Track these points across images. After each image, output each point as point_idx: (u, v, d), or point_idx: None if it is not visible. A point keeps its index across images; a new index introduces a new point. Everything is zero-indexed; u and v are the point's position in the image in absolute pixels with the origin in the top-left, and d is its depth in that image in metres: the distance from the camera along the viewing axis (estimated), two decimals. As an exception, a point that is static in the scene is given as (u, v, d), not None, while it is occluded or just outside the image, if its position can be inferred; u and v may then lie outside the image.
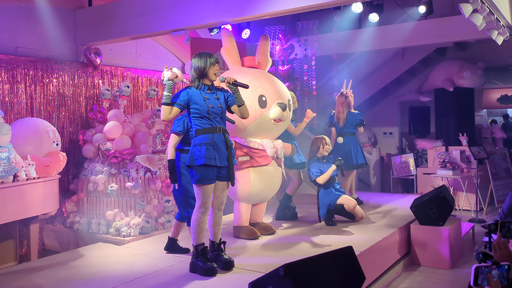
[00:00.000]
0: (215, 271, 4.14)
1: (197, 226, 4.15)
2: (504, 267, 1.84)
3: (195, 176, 4.05)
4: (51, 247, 6.32)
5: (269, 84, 5.24)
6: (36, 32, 6.42)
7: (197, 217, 4.13)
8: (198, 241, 4.19)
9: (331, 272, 3.02)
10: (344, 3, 6.63)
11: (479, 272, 1.81)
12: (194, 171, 4.05)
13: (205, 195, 4.09)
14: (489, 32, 6.15)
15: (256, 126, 5.13)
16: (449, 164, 8.34)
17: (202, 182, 4.05)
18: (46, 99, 6.46)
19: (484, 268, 1.81)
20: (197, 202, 4.12)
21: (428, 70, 11.04)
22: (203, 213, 4.14)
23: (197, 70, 4.11)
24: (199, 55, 4.16)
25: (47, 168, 5.49)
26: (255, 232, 5.35)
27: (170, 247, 4.94)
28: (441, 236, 5.71)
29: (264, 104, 5.10)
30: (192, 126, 4.13)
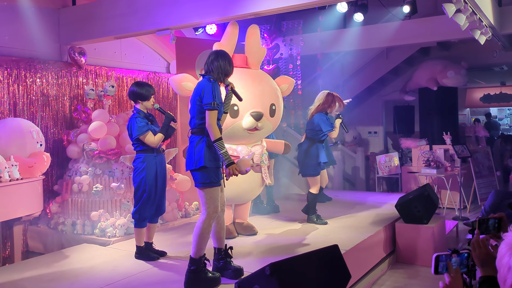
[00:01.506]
0: (220, 280, 3.93)
1: (206, 235, 3.84)
2: (464, 254, 1.89)
3: (207, 179, 3.78)
4: (35, 248, 6.25)
5: (246, 91, 4.89)
6: (19, 31, 6.35)
7: (207, 225, 3.82)
8: (202, 252, 3.89)
9: (317, 270, 3.04)
10: (328, 3, 6.65)
11: (439, 260, 1.85)
12: (206, 174, 3.78)
13: (217, 198, 3.86)
14: (472, 32, 6.23)
15: (228, 135, 4.94)
16: (433, 162, 8.42)
17: (216, 184, 3.84)
18: (30, 99, 6.39)
19: (444, 256, 1.85)
20: (208, 208, 3.82)
21: (412, 70, 11.14)
22: (214, 219, 3.89)
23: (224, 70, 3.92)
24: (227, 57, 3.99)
25: (30, 169, 5.43)
26: (232, 231, 5.35)
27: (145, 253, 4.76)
28: (426, 234, 5.78)
29: (235, 114, 4.94)
30: (202, 124, 3.82)
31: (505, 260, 1.52)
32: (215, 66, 3.91)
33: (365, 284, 5.06)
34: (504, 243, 1.55)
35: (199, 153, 3.78)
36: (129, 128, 4.62)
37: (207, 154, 3.78)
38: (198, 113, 3.83)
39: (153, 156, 4.65)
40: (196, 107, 3.83)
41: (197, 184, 3.85)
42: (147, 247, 4.80)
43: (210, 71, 3.92)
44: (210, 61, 3.95)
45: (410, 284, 5.23)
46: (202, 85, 3.84)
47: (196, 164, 3.77)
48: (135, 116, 4.58)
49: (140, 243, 4.76)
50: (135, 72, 7.84)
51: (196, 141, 3.84)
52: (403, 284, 5.23)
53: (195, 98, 3.86)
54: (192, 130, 3.91)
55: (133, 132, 4.54)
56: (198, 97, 3.81)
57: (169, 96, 8.32)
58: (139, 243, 4.76)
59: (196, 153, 3.79)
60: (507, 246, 1.54)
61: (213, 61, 3.93)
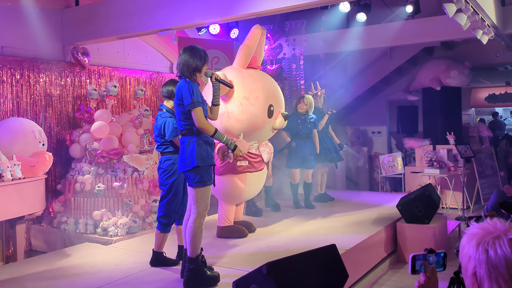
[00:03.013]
0: (219, 278, 3.94)
1: (199, 233, 3.86)
2: (440, 254, 1.91)
3: (200, 178, 3.78)
4: (38, 247, 6.29)
5: (276, 91, 5.30)
6: (23, 32, 6.39)
7: (199, 223, 3.84)
8: (198, 251, 3.90)
9: (314, 270, 3.05)
10: (331, 3, 6.66)
11: (416, 259, 1.87)
12: (199, 173, 3.77)
13: (208, 196, 3.88)
14: (474, 31, 6.21)
15: (259, 134, 5.18)
16: (436, 162, 8.41)
17: (208, 183, 3.85)
18: (33, 99, 6.43)
19: (421, 255, 1.87)
20: (199, 207, 3.83)
21: (415, 70, 11.10)
22: (205, 217, 3.91)
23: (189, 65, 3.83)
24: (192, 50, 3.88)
25: (33, 168, 5.46)
26: (243, 230, 5.38)
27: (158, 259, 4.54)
28: (427, 234, 5.77)
29: (272, 114, 5.16)
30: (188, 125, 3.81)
31: (465, 251, 1.61)
32: (181, 64, 3.83)
33: (365, 283, 5.06)
34: (465, 236, 1.63)
35: (191, 154, 3.77)
36: (161, 128, 4.35)
37: (199, 153, 3.77)
38: (182, 115, 3.81)
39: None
40: (179, 109, 3.82)
41: (190, 184, 3.85)
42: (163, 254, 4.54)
43: (181, 71, 3.85)
44: (178, 62, 3.88)
45: (410, 284, 5.22)
46: (179, 87, 3.82)
47: (189, 165, 3.77)
48: (169, 116, 4.36)
49: (160, 249, 4.48)
50: (138, 72, 7.87)
51: (187, 142, 3.83)
52: (403, 284, 5.23)
53: (176, 101, 3.84)
54: (181, 132, 3.90)
55: (168, 132, 4.30)
56: (178, 100, 3.79)
57: (172, 96, 8.34)
58: (159, 248, 4.48)
59: (188, 154, 3.79)
60: (467, 238, 1.62)
61: (180, 60, 3.86)
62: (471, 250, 1.58)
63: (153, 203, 6.28)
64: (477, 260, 1.56)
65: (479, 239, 1.57)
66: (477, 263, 1.56)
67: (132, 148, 6.41)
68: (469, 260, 1.59)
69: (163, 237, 4.46)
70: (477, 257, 1.56)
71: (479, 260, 1.56)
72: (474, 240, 1.58)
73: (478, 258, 1.56)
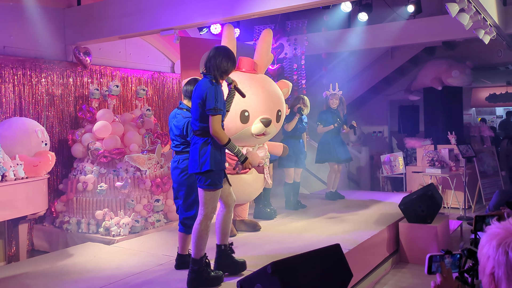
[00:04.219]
0: (223, 279, 3.93)
1: (205, 235, 3.85)
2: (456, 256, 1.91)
3: (212, 181, 3.74)
4: (40, 247, 6.29)
5: (256, 97, 5.06)
6: (25, 32, 6.39)
7: (205, 225, 3.82)
8: (203, 252, 3.89)
9: (319, 269, 3.05)
10: (333, 3, 6.66)
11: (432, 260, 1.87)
12: (211, 177, 3.73)
13: (217, 199, 3.85)
14: (476, 31, 6.21)
15: (236, 138, 5.00)
16: (437, 162, 8.41)
17: (219, 186, 3.82)
18: (35, 98, 6.43)
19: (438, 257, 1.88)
20: (207, 209, 3.80)
21: (417, 69, 11.11)
22: (211, 220, 3.88)
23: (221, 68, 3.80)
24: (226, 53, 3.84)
25: (35, 168, 5.47)
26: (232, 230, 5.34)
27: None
28: (429, 234, 5.77)
29: (246, 120, 5.03)
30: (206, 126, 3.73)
31: (485, 250, 1.59)
32: (212, 64, 3.79)
33: (368, 283, 5.06)
34: (485, 235, 1.62)
35: (204, 156, 3.71)
36: (183, 128, 4.24)
37: (213, 157, 3.72)
38: (200, 115, 3.74)
39: None
40: (199, 110, 3.74)
41: (200, 185, 3.80)
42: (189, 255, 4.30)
43: (208, 69, 3.81)
44: (208, 59, 3.83)
45: (413, 284, 5.23)
46: (204, 87, 3.73)
47: (202, 167, 3.71)
48: (189, 116, 4.16)
49: (185, 251, 4.37)
50: (140, 72, 7.87)
51: (201, 143, 3.76)
52: (406, 284, 5.23)
53: (196, 100, 3.76)
54: (196, 131, 3.82)
55: (189, 133, 4.15)
56: (200, 100, 3.71)
57: (174, 96, 8.35)
58: (184, 251, 4.37)
59: (201, 156, 3.72)
60: (487, 237, 1.60)
61: (210, 58, 3.81)
62: (491, 251, 1.56)
63: (155, 202, 6.28)
64: (496, 260, 1.54)
65: (500, 240, 1.55)
66: (496, 264, 1.54)
67: (134, 147, 6.41)
68: (488, 259, 1.57)
69: (188, 239, 4.28)
70: (496, 258, 1.54)
71: (498, 261, 1.54)
72: (494, 240, 1.56)
73: (497, 259, 1.54)
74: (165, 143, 6.83)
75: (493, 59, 10.32)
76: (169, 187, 6.50)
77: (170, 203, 6.50)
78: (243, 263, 4.14)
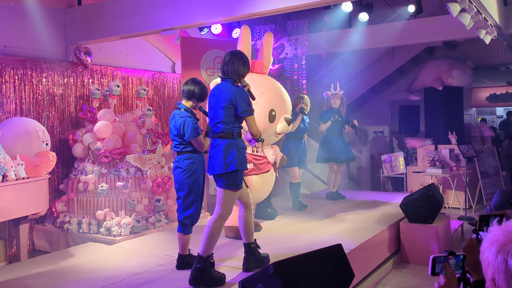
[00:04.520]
0: (224, 281, 3.97)
1: (217, 235, 3.94)
2: (460, 257, 1.91)
3: (234, 181, 3.88)
4: (41, 247, 6.29)
5: (279, 97, 5.34)
6: (25, 31, 6.39)
7: (219, 224, 3.93)
8: (211, 251, 3.95)
9: (321, 269, 3.05)
10: (333, 3, 6.65)
11: (436, 261, 1.87)
12: (234, 177, 3.86)
13: (234, 200, 3.99)
14: (477, 31, 6.21)
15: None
16: (438, 162, 8.40)
17: (240, 186, 3.97)
18: (36, 98, 6.42)
19: (441, 258, 1.87)
20: (224, 209, 3.93)
21: (417, 69, 11.10)
22: (226, 220, 3.99)
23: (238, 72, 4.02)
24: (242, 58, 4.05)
25: (36, 168, 5.46)
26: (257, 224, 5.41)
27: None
28: (430, 234, 5.77)
29: (273, 119, 5.23)
30: (230, 128, 3.91)
31: (485, 255, 1.58)
32: (230, 68, 3.98)
33: (369, 283, 5.06)
34: (486, 238, 1.60)
35: (230, 157, 3.84)
36: (180, 128, 4.24)
37: (238, 158, 3.87)
38: (228, 118, 3.88)
39: (201, 156, 4.38)
40: (224, 112, 3.87)
41: (223, 185, 3.92)
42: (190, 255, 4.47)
43: (226, 73, 3.99)
44: (225, 63, 4.01)
45: (414, 284, 5.23)
46: (229, 90, 3.89)
47: (227, 168, 3.83)
48: (188, 116, 4.25)
49: (185, 251, 4.41)
50: (141, 72, 7.87)
51: (225, 144, 3.87)
52: (407, 284, 5.23)
53: (221, 103, 3.89)
54: (218, 133, 3.93)
55: (188, 132, 4.19)
56: (226, 103, 3.86)
57: (175, 96, 8.35)
58: (184, 251, 4.40)
59: (226, 157, 3.84)
60: (488, 242, 1.58)
61: (227, 63, 4.00)
62: (491, 257, 1.54)
63: (156, 202, 6.28)
64: (495, 268, 1.53)
65: (499, 246, 1.53)
66: (495, 271, 1.53)
67: (135, 147, 6.41)
68: (488, 266, 1.56)
69: (187, 239, 4.37)
70: (496, 265, 1.53)
71: (498, 269, 1.52)
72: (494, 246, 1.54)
73: (496, 266, 1.52)
74: (166, 143, 6.82)
75: (494, 59, 10.32)
76: (169, 187, 6.50)
77: (171, 203, 6.50)
78: (267, 257, 4.32)
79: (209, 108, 4.11)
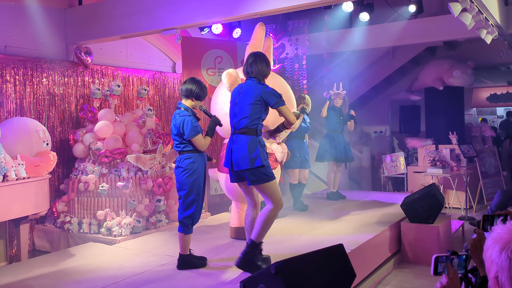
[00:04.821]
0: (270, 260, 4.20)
1: (271, 223, 4.15)
2: (462, 256, 1.90)
3: (265, 174, 4.03)
4: (42, 247, 6.28)
5: (286, 93, 5.32)
6: (26, 31, 6.38)
7: (274, 214, 4.11)
8: (263, 238, 4.20)
9: (322, 270, 3.04)
10: (334, 2, 6.64)
11: (438, 261, 1.87)
12: (263, 170, 4.02)
13: (279, 189, 4.18)
14: (478, 31, 6.20)
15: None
16: (439, 162, 8.40)
17: (274, 177, 4.14)
18: (36, 98, 6.42)
19: (444, 257, 1.87)
20: (276, 199, 4.10)
21: (418, 69, 11.10)
22: (280, 210, 4.18)
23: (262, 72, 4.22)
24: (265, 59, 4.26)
25: (37, 168, 5.45)
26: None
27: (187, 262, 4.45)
28: (431, 234, 5.76)
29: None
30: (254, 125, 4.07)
31: (488, 253, 1.58)
32: (254, 69, 4.17)
33: (370, 283, 5.05)
34: (490, 237, 1.60)
35: (255, 153, 3.98)
36: (180, 127, 4.25)
37: (262, 153, 4.02)
38: (254, 114, 4.05)
39: (202, 156, 4.39)
40: (251, 108, 4.04)
41: (256, 181, 4.04)
42: (191, 255, 4.47)
43: (250, 73, 4.18)
44: (249, 64, 4.20)
45: (415, 284, 5.22)
46: (257, 88, 4.08)
47: (253, 163, 3.96)
48: (187, 115, 4.28)
49: (186, 251, 4.39)
50: (141, 71, 7.87)
51: (249, 141, 4.02)
52: (408, 284, 5.22)
53: (248, 99, 4.06)
54: (241, 129, 4.07)
55: (187, 131, 4.21)
56: (255, 99, 4.04)
57: (175, 96, 8.34)
58: (185, 251, 4.39)
59: (251, 152, 3.98)
60: (492, 240, 1.58)
61: (251, 64, 4.19)
62: (494, 255, 1.54)
63: (157, 202, 6.28)
64: (499, 266, 1.53)
65: (503, 244, 1.54)
66: (499, 269, 1.53)
67: (135, 147, 6.41)
68: (492, 264, 1.56)
69: (187, 239, 4.38)
70: (499, 263, 1.53)
71: (502, 267, 1.52)
72: (498, 244, 1.54)
73: (500, 264, 1.53)
74: (167, 143, 6.81)
75: (495, 59, 10.31)
76: (170, 187, 6.49)
77: (171, 203, 6.49)
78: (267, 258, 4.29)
79: (232, 105, 4.24)
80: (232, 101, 4.26)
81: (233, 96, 4.29)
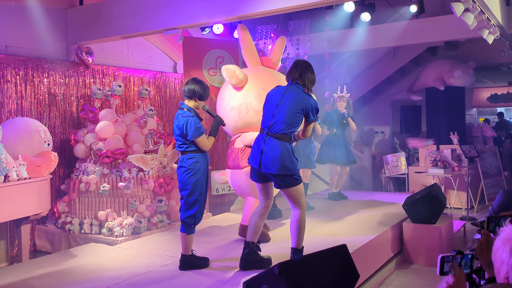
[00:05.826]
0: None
1: (305, 226, 4.23)
2: (468, 256, 1.90)
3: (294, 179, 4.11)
4: (43, 248, 6.27)
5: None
6: (27, 31, 6.37)
7: (304, 216, 4.21)
8: (303, 242, 4.27)
9: (326, 270, 3.03)
10: (336, 3, 6.63)
11: (444, 261, 1.86)
12: (297, 173, 4.12)
13: (303, 190, 4.25)
14: (480, 31, 6.19)
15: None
16: (440, 162, 8.39)
17: (301, 179, 4.21)
18: (37, 98, 6.41)
19: (450, 257, 1.86)
20: (302, 202, 4.19)
21: (419, 69, 11.09)
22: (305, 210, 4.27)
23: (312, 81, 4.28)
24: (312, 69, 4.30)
25: (38, 168, 5.44)
26: (267, 234, 5.29)
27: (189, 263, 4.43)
28: (433, 234, 5.75)
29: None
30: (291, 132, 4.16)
31: (498, 254, 1.58)
32: (308, 76, 4.21)
33: (372, 284, 5.04)
34: (499, 237, 1.60)
35: (287, 160, 4.06)
36: (183, 127, 4.22)
37: (294, 161, 4.12)
38: (294, 123, 4.13)
39: (204, 156, 4.37)
40: (294, 117, 4.10)
41: (284, 186, 4.11)
42: (193, 256, 4.44)
43: (298, 78, 4.19)
44: (302, 69, 4.22)
45: (417, 284, 5.21)
46: (304, 98, 4.14)
47: (284, 170, 4.03)
48: (191, 115, 4.26)
49: (188, 251, 4.37)
50: (142, 71, 7.86)
51: (284, 147, 4.08)
52: (410, 284, 5.21)
53: (294, 107, 4.09)
54: (277, 134, 4.10)
55: (191, 132, 4.20)
56: (300, 109, 4.09)
57: (176, 96, 8.33)
58: (187, 251, 4.37)
59: (283, 159, 4.04)
60: (501, 241, 1.59)
61: (304, 69, 4.22)
62: (504, 255, 1.55)
63: (158, 203, 6.26)
64: (510, 266, 1.53)
65: None
66: (509, 269, 1.53)
67: (137, 148, 6.40)
68: (502, 264, 1.56)
69: (190, 239, 4.35)
70: (510, 263, 1.53)
71: None
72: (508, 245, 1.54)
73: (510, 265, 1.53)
74: (168, 143, 6.80)
75: (496, 59, 10.30)
76: (172, 188, 6.48)
77: (173, 204, 6.48)
78: (268, 260, 4.36)
79: (271, 105, 4.22)
80: (272, 101, 4.23)
81: (273, 96, 4.26)
